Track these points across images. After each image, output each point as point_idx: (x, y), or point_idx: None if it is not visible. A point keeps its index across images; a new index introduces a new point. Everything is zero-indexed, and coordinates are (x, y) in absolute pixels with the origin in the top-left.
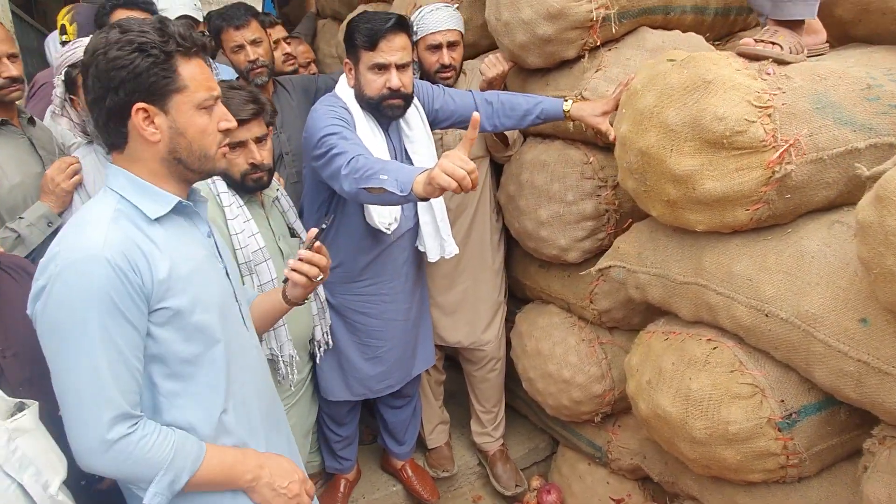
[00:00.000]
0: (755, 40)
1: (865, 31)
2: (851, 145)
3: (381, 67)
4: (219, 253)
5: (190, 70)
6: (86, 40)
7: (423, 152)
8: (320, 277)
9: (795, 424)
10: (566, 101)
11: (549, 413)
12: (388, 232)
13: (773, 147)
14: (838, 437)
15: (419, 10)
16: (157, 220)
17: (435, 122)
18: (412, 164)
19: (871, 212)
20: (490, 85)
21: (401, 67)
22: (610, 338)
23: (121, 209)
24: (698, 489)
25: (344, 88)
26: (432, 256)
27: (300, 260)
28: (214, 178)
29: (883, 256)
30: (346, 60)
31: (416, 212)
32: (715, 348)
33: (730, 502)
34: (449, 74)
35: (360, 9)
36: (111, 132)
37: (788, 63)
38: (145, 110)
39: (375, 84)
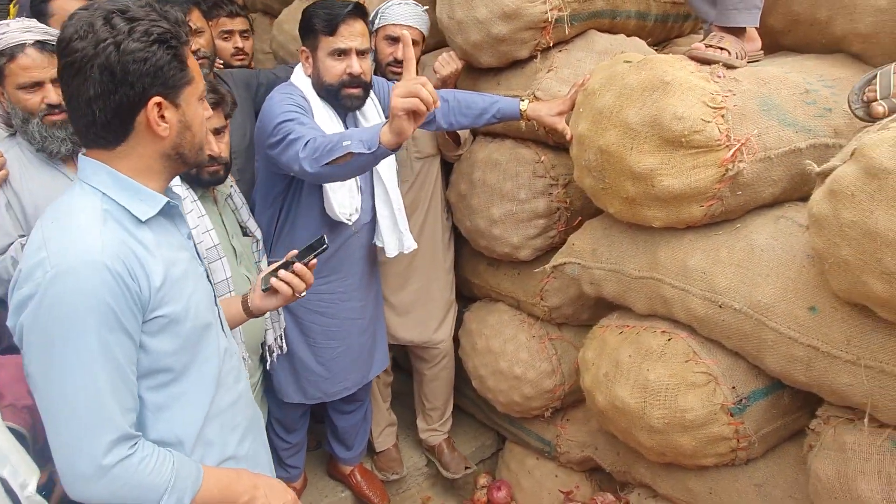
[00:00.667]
0: (705, 45)
1: (794, 40)
2: (794, 145)
3: (342, 53)
4: (198, 255)
5: (192, 60)
6: (14, 24)
7: None
8: (303, 294)
9: (746, 409)
10: (522, 100)
11: (499, 410)
12: (350, 223)
13: (727, 146)
14: (782, 420)
15: (387, 1)
16: (145, 222)
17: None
18: None
19: (825, 206)
20: (444, 83)
21: (360, 54)
22: (559, 334)
23: (108, 210)
24: (650, 476)
25: (300, 77)
26: (390, 251)
27: (292, 272)
28: None
29: (838, 247)
30: (303, 48)
31: (374, 205)
32: (670, 340)
33: (682, 487)
34: (400, 70)
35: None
36: (112, 129)
37: (735, 67)
38: (159, 104)
39: (335, 70)
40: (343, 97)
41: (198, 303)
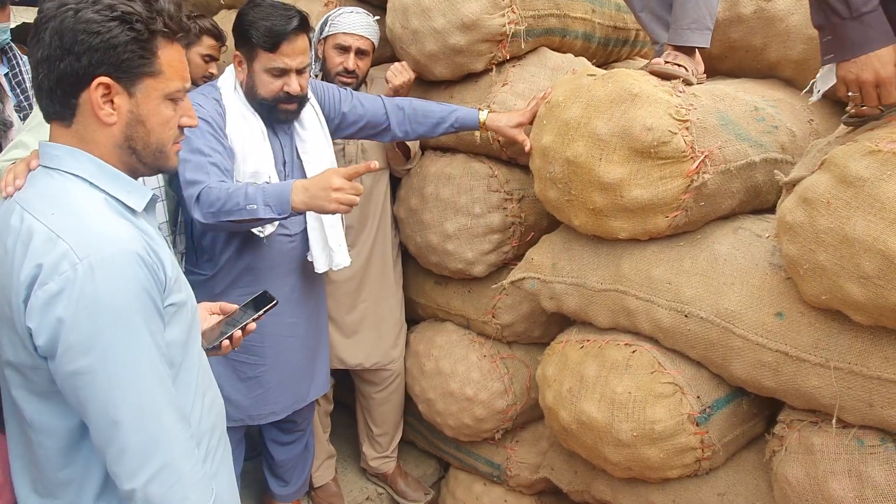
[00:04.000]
0: (664, 62)
1: (730, 65)
2: (750, 158)
3: (281, 72)
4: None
5: (169, 55)
6: None
7: (318, 157)
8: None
9: (710, 418)
10: (481, 110)
11: (448, 434)
12: (262, 236)
13: (692, 157)
14: (741, 427)
15: (337, 8)
16: (138, 213)
17: (340, 128)
18: (304, 169)
19: (799, 214)
20: (396, 93)
21: (300, 72)
22: (510, 352)
23: (107, 199)
24: (611, 493)
25: (228, 79)
26: (319, 266)
27: (241, 330)
28: None
29: (814, 253)
30: (237, 53)
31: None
32: (634, 352)
33: (644, 501)
34: (350, 80)
35: (226, 15)
36: (56, 100)
37: (692, 84)
38: (107, 86)
39: (271, 87)
40: (278, 112)
41: (189, 291)
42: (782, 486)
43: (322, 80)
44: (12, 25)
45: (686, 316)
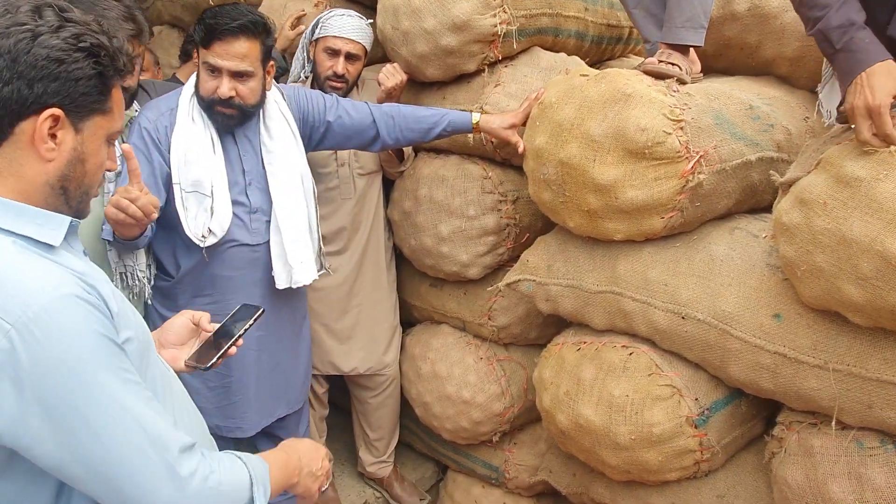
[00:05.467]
0: (658, 61)
1: (725, 63)
2: (745, 157)
3: (214, 70)
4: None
5: (117, 94)
6: None
7: (286, 169)
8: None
9: (709, 420)
10: (474, 113)
11: (445, 438)
12: (202, 245)
13: (687, 158)
14: (740, 429)
15: (328, 10)
16: (56, 247)
17: (326, 138)
18: (267, 181)
19: (796, 215)
20: (388, 96)
21: (239, 76)
22: (507, 354)
23: (14, 242)
24: (610, 495)
25: (192, 80)
26: (279, 282)
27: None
28: None
29: (811, 254)
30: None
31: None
32: (631, 354)
33: None
34: (340, 85)
35: None
36: None
37: (686, 83)
38: (56, 119)
39: (206, 85)
40: (214, 114)
41: (137, 321)
42: (782, 489)
43: (312, 83)
44: None
45: (683, 318)
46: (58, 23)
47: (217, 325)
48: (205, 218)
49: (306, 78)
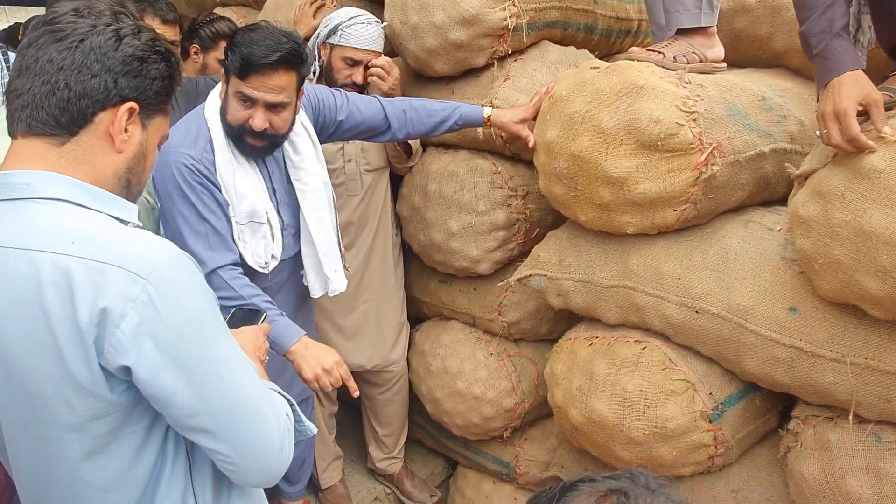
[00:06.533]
0: (646, 49)
1: (736, 56)
2: (759, 149)
3: (247, 100)
4: None
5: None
6: None
7: (314, 185)
8: None
9: (723, 414)
10: (485, 107)
11: (456, 434)
12: (266, 272)
13: (700, 149)
14: (754, 423)
15: (347, 14)
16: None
17: (336, 134)
18: (295, 197)
19: (813, 207)
20: (387, 96)
21: (274, 107)
22: (517, 350)
23: (104, 217)
24: None
25: (213, 103)
26: (314, 292)
27: None
28: None
29: (829, 247)
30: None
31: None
32: (644, 348)
33: None
34: (354, 91)
35: (219, 12)
36: (68, 112)
37: (669, 68)
38: (131, 112)
39: (238, 114)
40: (243, 143)
41: None
42: (798, 483)
43: (319, 80)
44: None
45: (697, 312)
46: (136, 27)
47: None
48: (265, 245)
49: (314, 75)
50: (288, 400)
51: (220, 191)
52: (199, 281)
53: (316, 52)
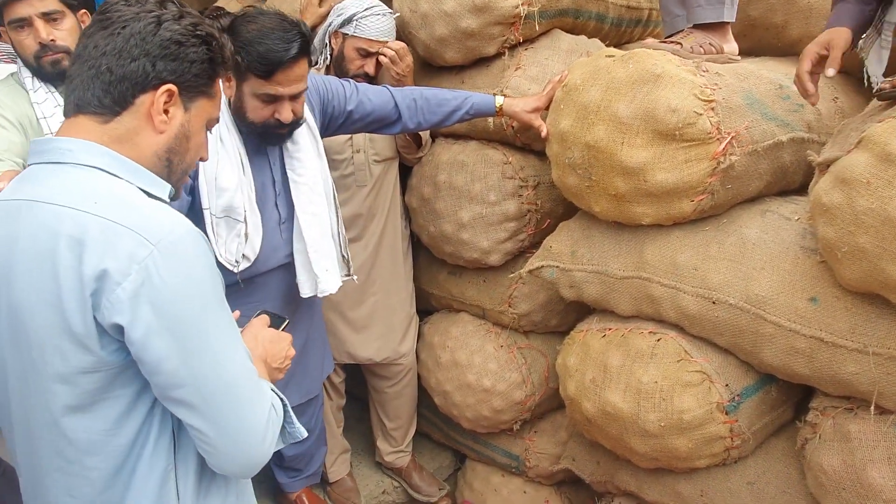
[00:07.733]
0: (661, 40)
1: (751, 44)
2: (777, 138)
3: (272, 98)
4: None
5: (219, 85)
6: None
7: (309, 179)
8: None
9: (739, 406)
10: (497, 96)
11: (465, 426)
12: (235, 270)
13: (718, 139)
14: (770, 415)
15: (368, 8)
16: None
17: (346, 125)
18: (288, 187)
19: (837, 195)
20: (399, 82)
21: (295, 97)
22: (527, 342)
23: (137, 189)
24: (636, 483)
25: None
26: (303, 291)
27: None
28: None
29: (853, 235)
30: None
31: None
32: (659, 340)
33: (671, 492)
34: (366, 81)
35: (223, 5)
36: (111, 92)
37: (684, 58)
38: (171, 94)
39: (261, 112)
40: (269, 136)
41: None
42: (817, 475)
43: (328, 70)
44: None
45: (714, 303)
46: (179, 13)
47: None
48: (237, 243)
49: (323, 63)
50: (281, 399)
51: (195, 178)
52: (209, 259)
53: (327, 41)
